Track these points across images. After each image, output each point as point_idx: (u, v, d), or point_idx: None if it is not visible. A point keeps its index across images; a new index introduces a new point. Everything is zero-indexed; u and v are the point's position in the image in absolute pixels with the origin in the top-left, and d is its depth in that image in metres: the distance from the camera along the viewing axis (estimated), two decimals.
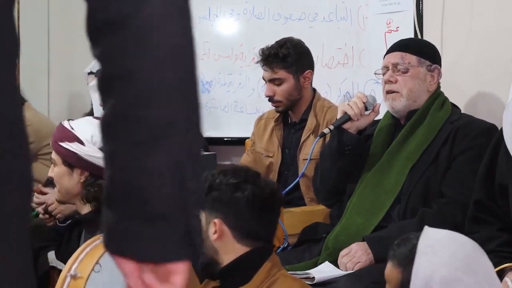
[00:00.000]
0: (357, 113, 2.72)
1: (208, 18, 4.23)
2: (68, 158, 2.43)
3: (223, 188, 2.01)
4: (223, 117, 4.16)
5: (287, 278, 2.05)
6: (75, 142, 2.41)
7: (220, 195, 2.01)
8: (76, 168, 2.44)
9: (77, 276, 1.69)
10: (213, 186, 2.02)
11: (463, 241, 1.62)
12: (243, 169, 2.10)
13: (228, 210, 2.00)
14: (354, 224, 2.64)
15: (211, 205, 2.01)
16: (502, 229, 2.29)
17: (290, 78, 3.27)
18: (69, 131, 2.44)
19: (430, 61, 2.75)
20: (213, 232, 2.01)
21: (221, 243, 2.01)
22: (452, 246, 1.59)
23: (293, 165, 3.28)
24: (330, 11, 3.71)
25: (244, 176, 2.04)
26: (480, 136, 2.62)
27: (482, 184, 2.36)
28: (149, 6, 0.97)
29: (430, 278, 1.54)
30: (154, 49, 0.97)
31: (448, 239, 1.61)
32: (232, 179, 2.02)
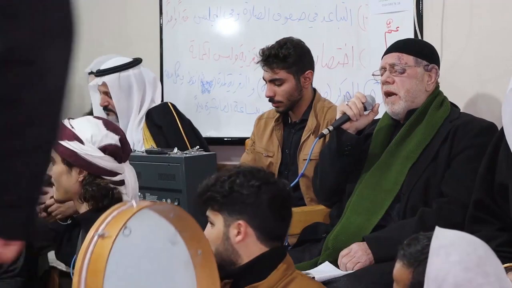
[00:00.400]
0: (356, 114, 2.72)
1: (208, 18, 4.23)
2: (67, 157, 2.42)
3: (247, 190, 2.03)
4: (223, 117, 4.16)
5: (304, 278, 2.08)
6: (74, 141, 2.41)
7: (245, 197, 2.02)
8: (74, 167, 2.44)
9: (105, 235, 1.68)
10: (234, 187, 2.03)
11: (475, 242, 1.62)
12: (261, 170, 2.13)
13: (254, 211, 2.02)
14: (354, 224, 2.64)
15: (234, 207, 2.03)
16: (502, 228, 2.29)
17: (291, 79, 3.26)
18: (69, 129, 2.44)
19: (427, 60, 2.75)
20: (236, 234, 2.02)
21: (243, 244, 2.03)
22: (464, 247, 1.59)
23: (293, 165, 3.28)
24: (330, 11, 3.71)
25: (264, 177, 2.07)
26: (480, 135, 2.62)
27: (482, 184, 2.36)
28: (48, 55, 1.32)
29: (443, 280, 1.54)
30: (44, 87, 1.32)
31: (460, 240, 1.61)
32: (254, 181, 2.04)
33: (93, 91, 3.80)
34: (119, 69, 3.66)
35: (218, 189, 2.05)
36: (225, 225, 2.03)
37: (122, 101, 3.66)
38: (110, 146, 2.44)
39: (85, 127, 2.45)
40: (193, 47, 4.29)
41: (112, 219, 1.73)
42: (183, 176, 2.80)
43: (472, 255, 1.57)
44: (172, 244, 1.88)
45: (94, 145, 2.42)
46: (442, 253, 1.57)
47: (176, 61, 4.38)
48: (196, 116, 4.15)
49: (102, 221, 1.74)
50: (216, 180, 2.07)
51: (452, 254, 1.56)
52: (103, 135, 2.44)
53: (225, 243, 2.03)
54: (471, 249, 1.59)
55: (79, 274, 1.67)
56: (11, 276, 3.20)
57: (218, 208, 2.05)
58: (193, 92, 4.28)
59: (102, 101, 3.67)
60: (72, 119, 2.54)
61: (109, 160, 2.44)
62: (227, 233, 2.03)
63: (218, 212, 2.05)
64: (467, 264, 1.55)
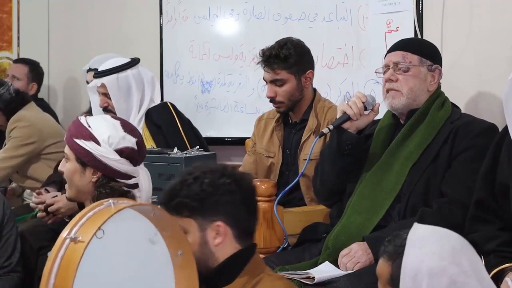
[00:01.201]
0: (356, 113, 2.72)
1: (208, 18, 4.23)
2: (82, 156, 2.36)
3: (220, 188, 1.95)
4: (223, 117, 4.16)
5: (272, 278, 2.01)
6: (91, 141, 2.35)
7: (218, 196, 1.94)
8: (88, 167, 2.38)
9: (77, 239, 1.59)
10: (205, 188, 1.94)
11: (450, 234, 1.64)
12: (225, 166, 2.04)
13: (229, 209, 1.95)
14: (354, 223, 2.64)
15: (208, 209, 1.94)
16: (503, 228, 2.29)
17: (292, 79, 3.26)
18: (86, 128, 2.38)
19: (431, 61, 2.75)
20: (214, 237, 1.94)
21: (222, 246, 1.96)
22: (439, 239, 1.62)
23: (294, 165, 3.28)
24: (330, 11, 3.71)
25: (232, 173, 1.99)
26: (480, 135, 2.62)
27: (483, 183, 2.36)
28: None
29: (418, 270, 1.57)
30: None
31: (435, 233, 1.64)
32: (225, 178, 1.96)
33: (92, 93, 3.80)
34: (118, 70, 3.65)
35: (187, 193, 1.94)
36: (200, 229, 1.94)
37: (121, 102, 3.65)
38: (127, 149, 2.37)
39: (103, 127, 2.39)
40: (193, 47, 4.29)
41: (87, 220, 1.65)
42: None
43: (445, 245, 1.59)
44: (152, 243, 1.81)
45: (111, 147, 2.35)
46: (417, 244, 1.60)
47: (176, 61, 4.38)
48: (196, 116, 4.15)
49: (76, 223, 1.66)
50: (181, 184, 1.96)
51: (426, 245, 1.59)
52: (121, 137, 2.37)
53: (203, 248, 1.95)
54: (445, 241, 1.61)
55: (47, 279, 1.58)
56: (7, 272, 3.20)
57: (189, 214, 1.94)
58: (193, 92, 4.28)
59: (102, 102, 3.67)
60: (90, 115, 2.50)
61: (125, 163, 2.38)
62: (205, 237, 1.94)
63: (190, 218, 1.94)
64: (441, 254, 1.57)
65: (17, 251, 3.25)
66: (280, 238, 2.84)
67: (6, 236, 3.21)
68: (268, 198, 2.82)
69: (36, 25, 5.17)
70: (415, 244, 1.60)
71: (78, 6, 4.98)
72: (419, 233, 1.63)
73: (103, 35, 4.79)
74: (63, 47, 4.99)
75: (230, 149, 4.08)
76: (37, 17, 5.17)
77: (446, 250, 1.58)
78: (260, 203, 2.79)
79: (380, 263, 1.76)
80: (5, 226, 3.21)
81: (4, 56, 5.23)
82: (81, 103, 4.86)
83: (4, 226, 3.21)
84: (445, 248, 1.58)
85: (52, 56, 5.08)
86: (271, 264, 2.63)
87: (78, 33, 4.96)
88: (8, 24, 5.22)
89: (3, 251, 3.19)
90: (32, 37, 5.20)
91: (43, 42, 5.14)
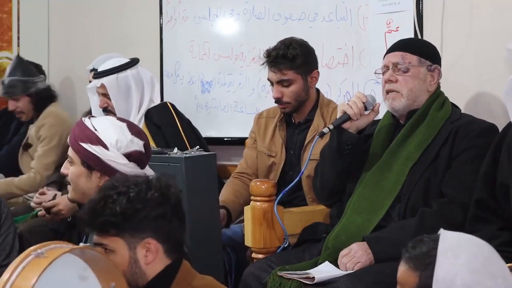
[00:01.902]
0: (356, 113, 2.72)
1: (208, 18, 4.23)
2: (89, 160, 2.30)
3: (149, 203, 1.86)
4: (223, 117, 4.16)
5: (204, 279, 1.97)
6: (98, 146, 2.28)
7: (147, 212, 1.85)
8: (95, 171, 2.31)
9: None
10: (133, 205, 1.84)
11: (480, 243, 1.62)
12: (149, 177, 1.94)
13: (159, 224, 1.87)
14: (354, 224, 2.64)
15: (136, 226, 1.85)
16: (503, 228, 2.29)
17: (299, 79, 3.24)
18: (92, 132, 2.31)
19: (431, 61, 2.75)
20: (145, 254, 1.87)
21: (153, 263, 1.88)
22: (471, 249, 1.58)
23: (297, 166, 3.26)
24: (330, 11, 3.71)
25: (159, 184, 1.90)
26: (480, 136, 2.62)
27: (483, 183, 2.36)
28: None
29: (451, 282, 1.54)
30: None
31: (466, 242, 1.60)
32: (152, 191, 1.87)
33: (91, 93, 3.80)
34: (117, 70, 3.65)
35: (112, 211, 1.84)
36: (129, 248, 1.86)
37: (121, 102, 3.65)
38: (135, 153, 2.32)
39: (110, 130, 2.32)
40: (193, 47, 4.29)
41: (17, 279, 1.58)
42: (183, 176, 2.79)
43: (478, 256, 1.57)
44: (82, 280, 1.74)
45: (119, 151, 2.30)
46: (449, 255, 1.56)
47: (176, 61, 4.37)
48: (196, 116, 4.14)
49: (6, 282, 1.58)
50: (105, 201, 1.85)
51: (459, 256, 1.56)
52: (128, 140, 2.31)
53: (133, 267, 1.87)
54: (477, 251, 1.58)
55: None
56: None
57: (117, 232, 1.84)
58: (193, 92, 4.28)
59: (102, 102, 3.67)
60: (91, 115, 2.44)
61: (133, 167, 2.31)
62: (135, 256, 1.86)
63: (117, 237, 1.85)
64: (474, 265, 1.55)
65: (15, 250, 3.24)
66: (280, 238, 2.84)
67: (3, 235, 3.21)
68: (268, 198, 2.82)
69: (36, 25, 5.17)
70: (446, 255, 1.56)
71: (78, 6, 4.98)
72: (449, 242, 1.59)
73: (103, 35, 4.78)
74: (63, 47, 4.99)
75: (230, 149, 4.08)
76: (37, 17, 5.16)
77: (479, 261, 1.56)
78: (260, 203, 2.81)
79: (403, 270, 1.70)
80: (2, 225, 3.21)
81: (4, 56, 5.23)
82: (81, 103, 4.85)
83: (2, 225, 3.21)
84: (478, 259, 1.56)
85: (52, 56, 5.08)
86: (271, 264, 2.63)
87: (78, 33, 4.96)
88: (8, 24, 5.22)
89: (1, 250, 3.20)
90: (32, 37, 5.19)
91: (43, 42, 5.14)
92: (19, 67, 4.37)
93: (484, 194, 2.34)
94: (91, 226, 1.88)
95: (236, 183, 3.41)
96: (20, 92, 4.29)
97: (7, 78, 4.34)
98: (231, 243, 3.28)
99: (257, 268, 2.66)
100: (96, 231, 1.87)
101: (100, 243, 1.88)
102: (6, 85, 4.30)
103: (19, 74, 4.31)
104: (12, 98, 4.30)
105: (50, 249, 1.67)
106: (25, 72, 4.34)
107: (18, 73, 4.33)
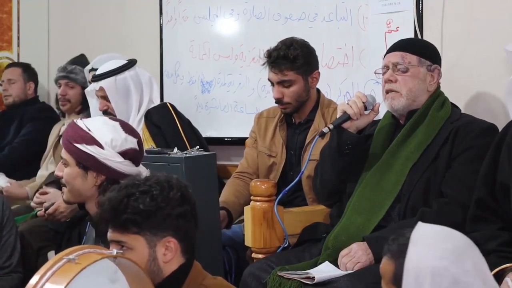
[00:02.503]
0: (356, 112, 2.72)
1: (208, 18, 4.23)
2: (84, 161, 2.32)
3: (171, 203, 1.88)
4: (223, 117, 4.16)
5: (216, 280, 1.98)
6: (94, 145, 2.30)
7: (169, 211, 1.87)
8: (91, 171, 2.33)
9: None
10: (158, 204, 1.86)
11: (453, 234, 1.64)
12: (169, 176, 1.95)
13: (179, 223, 1.89)
14: (354, 224, 2.64)
15: (158, 225, 1.86)
16: (503, 228, 2.29)
17: (300, 80, 3.24)
18: (86, 132, 2.33)
19: (430, 61, 2.75)
20: (164, 253, 1.89)
21: (171, 261, 1.90)
22: (441, 238, 1.61)
23: (298, 166, 3.26)
24: (330, 11, 3.71)
25: (178, 184, 1.92)
26: (480, 136, 2.62)
27: (483, 183, 2.36)
28: None
29: (420, 269, 1.57)
30: None
31: (438, 233, 1.63)
32: (174, 191, 1.89)
33: (91, 97, 3.80)
34: (115, 72, 3.65)
35: (135, 209, 1.85)
36: (149, 246, 1.88)
37: (121, 104, 3.65)
38: (130, 150, 2.35)
39: (104, 130, 2.34)
40: (193, 47, 4.29)
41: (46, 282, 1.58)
42: (183, 176, 2.79)
43: (448, 245, 1.59)
44: (112, 282, 1.74)
45: (114, 150, 2.32)
46: (419, 243, 1.59)
47: (176, 61, 4.37)
48: (196, 116, 4.15)
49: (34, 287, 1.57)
50: (127, 199, 1.87)
51: (429, 244, 1.59)
52: (123, 139, 2.34)
53: (151, 265, 1.88)
54: (448, 240, 1.61)
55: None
56: (7, 273, 3.20)
57: (137, 231, 1.86)
58: (193, 92, 4.28)
59: (101, 105, 3.67)
60: (85, 118, 2.45)
61: (128, 165, 2.35)
62: (154, 254, 1.88)
63: (137, 235, 1.87)
64: (443, 253, 1.57)
65: (17, 251, 3.24)
66: (280, 238, 2.84)
67: (5, 236, 3.21)
68: (268, 198, 2.82)
69: (36, 25, 5.17)
70: (417, 243, 1.60)
71: (78, 6, 4.98)
72: (422, 232, 1.63)
73: (103, 35, 4.78)
74: (63, 47, 4.99)
75: (230, 149, 4.08)
76: (37, 17, 5.17)
77: (449, 249, 1.58)
78: (260, 203, 2.81)
79: (383, 261, 1.75)
80: (4, 227, 3.21)
81: (4, 56, 5.23)
82: None
83: (4, 227, 3.21)
84: (448, 247, 1.58)
85: (52, 56, 5.08)
86: (271, 264, 2.63)
87: (78, 33, 4.96)
88: (8, 24, 5.22)
89: (3, 251, 3.19)
90: (32, 37, 5.19)
91: (43, 42, 5.14)
92: (82, 61, 4.43)
93: (484, 194, 2.34)
94: (112, 224, 1.88)
95: (237, 183, 3.41)
96: (79, 82, 4.32)
97: (69, 65, 4.37)
98: (231, 243, 3.28)
99: (257, 268, 2.66)
100: (116, 228, 1.87)
101: (118, 240, 1.89)
102: (68, 70, 4.34)
103: (81, 66, 4.34)
104: (67, 84, 4.31)
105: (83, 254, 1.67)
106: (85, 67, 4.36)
107: (81, 65, 4.36)
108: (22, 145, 4.37)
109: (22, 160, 4.34)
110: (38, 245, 3.54)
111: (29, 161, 4.34)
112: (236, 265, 3.21)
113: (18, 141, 4.42)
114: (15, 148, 4.38)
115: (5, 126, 4.59)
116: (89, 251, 1.70)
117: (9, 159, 4.35)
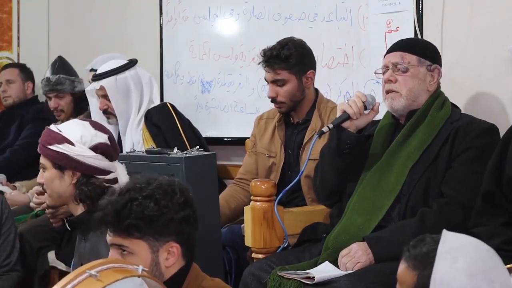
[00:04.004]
0: (356, 112, 2.72)
1: (208, 18, 4.23)
2: (59, 161, 2.41)
3: (175, 208, 1.87)
4: (223, 117, 4.16)
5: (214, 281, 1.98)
6: (65, 143, 2.40)
7: (172, 215, 1.86)
8: (67, 170, 2.42)
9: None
10: (161, 209, 1.84)
11: (481, 248, 1.61)
12: (172, 180, 1.94)
13: (182, 228, 1.88)
14: (354, 224, 2.64)
15: (161, 230, 1.85)
16: (507, 223, 2.29)
17: (293, 79, 3.25)
18: (57, 133, 2.43)
19: (430, 61, 2.75)
20: (166, 257, 1.88)
21: (172, 265, 1.90)
22: (471, 253, 1.58)
23: (296, 166, 3.27)
24: (330, 11, 3.71)
25: (181, 189, 1.91)
26: (480, 136, 2.62)
27: (491, 178, 2.36)
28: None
29: (448, 285, 1.54)
30: None
31: (467, 246, 1.59)
32: (178, 196, 1.88)
33: (91, 96, 3.80)
34: (115, 71, 3.65)
35: (139, 215, 1.84)
36: (152, 251, 1.86)
37: (121, 103, 3.66)
38: (101, 145, 2.43)
39: (73, 128, 2.45)
40: (193, 47, 4.29)
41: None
42: (183, 176, 2.79)
43: (477, 261, 1.56)
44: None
45: (85, 145, 2.41)
46: (448, 257, 1.56)
47: (176, 61, 4.37)
48: (196, 116, 4.15)
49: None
50: (130, 204, 1.85)
51: (458, 259, 1.55)
52: (93, 134, 2.43)
53: (153, 270, 1.86)
54: (477, 255, 1.57)
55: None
56: (6, 271, 3.20)
57: (140, 236, 1.85)
58: (193, 92, 4.28)
59: (102, 104, 3.67)
60: (60, 123, 2.54)
61: (101, 159, 2.43)
62: (156, 259, 1.87)
63: (140, 240, 1.85)
64: (472, 270, 1.54)
65: (16, 250, 3.25)
66: (280, 238, 2.84)
67: (4, 235, 3.22)
68: (268, 198, 2.82)
69: (36, 25, 5.17)
70: (445, 257, 1.56)
71: (78, 6, 4.98)
72: (450, 244, 1.59)
73: (103, 35, 4.78)
74: (63, 47, 4.99)
75: (230, 149, 4.08)
76: (37, 17, 5.17)
77: (478, 266, 1.55)
78: (260, 203, 2.81)
79: (403, 268, 1.71)
80: (3, 225, 3.21)
81: (4, 56, 5.23)
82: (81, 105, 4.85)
83: (3, 225, 3.21)
84: (477, 264, 1.55)
85: (52, 56, 5.07)
86: (271, 264, 2.63)
87: (78, 33, 4.96)
88: (8, 24, 5.22)
89: (2, 250, 3.20)
90: (32, 37, 5.20)
91: (43, 42, 5.14)
92: (62, 66, 4.39)
93: (491, 188, 2.35)
94: (113, 228, 1.86)
95: (234, 189, 3.49)
96: (67, 90, 4.30)
97: (53, 76, 4.32)
98: (231, 243, 3.28)
99: (257, 268, 2.66)
100: (118, 233, 1.86)
101: (120, 244, 1.88)
102: (53, 82, 4.29)
103: (63, 73, 4.32)
104: (57, 96, 4.30)
105: (107, 269, 1.62)
106: (69, 72, 4.36)
107: (62, 71, 4.33)
108: (23, 148, 4.37)
109: (23, 162, 4.34)
110: (38, 245, 3.55)
111: (29, 162, 4.34)
112: (236, 265, 3.21)
113: (19, 143, 4.43)
114: (16, 151, 4.40)
115: (5, 126, 4.59)
116: (114, 266, 1.65)
117: (10, 161, 4.36)
